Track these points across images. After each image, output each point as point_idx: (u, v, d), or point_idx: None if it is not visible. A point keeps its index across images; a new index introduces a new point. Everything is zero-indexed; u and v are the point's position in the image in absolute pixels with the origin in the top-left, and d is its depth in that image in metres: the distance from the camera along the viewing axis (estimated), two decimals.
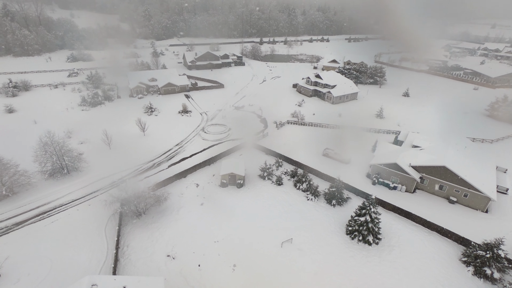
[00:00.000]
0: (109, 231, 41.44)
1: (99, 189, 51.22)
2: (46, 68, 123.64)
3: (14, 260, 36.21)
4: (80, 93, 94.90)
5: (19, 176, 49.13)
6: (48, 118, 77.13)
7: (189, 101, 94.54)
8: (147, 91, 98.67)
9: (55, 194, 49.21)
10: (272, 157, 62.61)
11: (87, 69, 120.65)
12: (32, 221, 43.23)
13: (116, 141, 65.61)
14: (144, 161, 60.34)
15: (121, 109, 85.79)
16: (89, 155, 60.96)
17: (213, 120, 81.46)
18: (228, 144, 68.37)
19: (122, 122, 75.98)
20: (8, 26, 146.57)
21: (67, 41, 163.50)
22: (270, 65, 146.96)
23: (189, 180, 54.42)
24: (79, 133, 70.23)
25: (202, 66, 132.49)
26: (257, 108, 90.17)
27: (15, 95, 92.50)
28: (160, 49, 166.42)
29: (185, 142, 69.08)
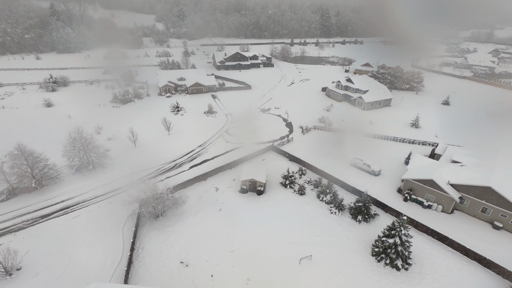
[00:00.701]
0: (126, 231, 41.37)
1: (121, 187, 51.69)
2: (84, 65, 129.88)
3: (35, 254, 37.08)
4: (113, 90, 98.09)
5: (48, 169, 50.96)
6: (82, 113, 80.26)
7: (215, 102, 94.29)
8: (175, 90, 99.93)
9: (80, 189, 50.41)
10: (296, 164, 60.01)
11: (122, 67, 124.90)
12: (56, 215, 44.39)
13: (142, 139, 66.50)
14: (166, 160, 60.42)
15: (149, 107, 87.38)
16: (115, 152, 62.20)
17: (238, 122, 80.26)
18: (251, 147, 66.70)
19: (149, 120, 77.23)
20: (54, 24, 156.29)
21: (106, 39, 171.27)
22: (300, 67, 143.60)
23: (209, 183, 53.43)
24: (108, 129, 72.19)
25: (230, 66, 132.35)
26: (283, 112, 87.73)
27: (55, 90, 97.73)
28: (191, 48, 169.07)
29: (208, 144, 68.47)
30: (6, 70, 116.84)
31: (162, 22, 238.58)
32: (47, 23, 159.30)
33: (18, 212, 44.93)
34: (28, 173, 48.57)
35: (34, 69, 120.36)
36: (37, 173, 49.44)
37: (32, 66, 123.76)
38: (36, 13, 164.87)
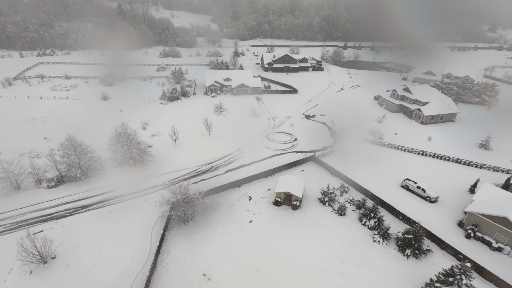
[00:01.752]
0: (155, 232, 40.97)
1: (157, 184, 52.14)
2: (141, 62, 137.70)
3: (69, 244, 38.33)
4: (162, 87, 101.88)
5: (94, 161, 53.45)
6: (132, 108, 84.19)
7: (259, 104, 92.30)
8: (220, 90, 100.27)
9: (119, 183, 51.84)
10: (337, 179, 54.97)
11: (174, 65, 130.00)
12: (94, 207, 45.96)
13: (182, 138, 67.05)
14: (203, 162, 59.79)
15: (193, 106, 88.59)
16: (156, 149, 63.49)
17: (279, 127, 77.16)
18: (292, 156, 63.22)
19: (192, 119, 78.00)
20: (119, 23, 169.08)
21: (163, 38, 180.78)
22: (351, 72, 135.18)
23: (242, 190, 51.26)
24: (153, 125, 74.41)
25: (278, 68, 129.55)
26: (329, 119, 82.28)
27: (112, 84, 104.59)
28: (242, 49, 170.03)
29: (247, 148, 66.49)
30: (75, 64, 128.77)
31: (216, 23, 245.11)
32: (114, 22, 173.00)
33: (63, 200, 47.51)
34: (76, 163, 51.33)
35: (98, 64, 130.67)
36: (83, 164, 52.07)
37: (97, 61, 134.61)
38: (105, 12, 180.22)
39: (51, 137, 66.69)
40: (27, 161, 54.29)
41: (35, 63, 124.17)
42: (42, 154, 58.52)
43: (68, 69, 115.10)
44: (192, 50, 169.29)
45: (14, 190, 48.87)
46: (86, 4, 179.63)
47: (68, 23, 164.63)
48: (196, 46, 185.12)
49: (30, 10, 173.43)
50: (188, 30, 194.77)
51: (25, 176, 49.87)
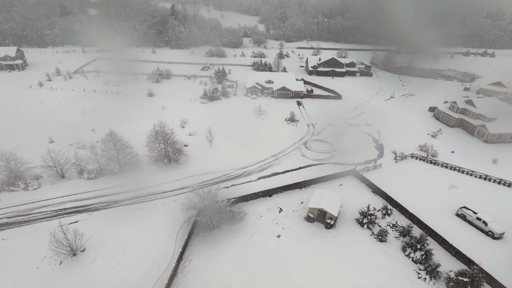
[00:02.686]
0: (180, 237, 40.11)
1: (188, 186, 51.71)
2: (187, 61, 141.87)
3: (97, 239, 39.03)
4: (205, 86, 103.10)
5: (131, 157, 54.76)
6: (174, 106, 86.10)
7: (299, 109, 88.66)
8: (261, 92, 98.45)
9: (152, 181, 52.37)
10: (380, 198, 49.55)
11: (218, 65, 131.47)
12: (126, 203, 46.72)
13: (218, 139, 66.29)
14: (236, 166, 58.25)
15: (232, 107, 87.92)
16: (192, 148, 63.50)
17: (319, 135, 72.88)
18: (329, 167, 58.90)
19: (229, 120, 77.16)
20: (171, 23, 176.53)
21: (211, 38, 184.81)
22: (404, 79, 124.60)
23: (273, 201, 48.53)
24: (191, 124, 74.98)
25: (323, 72, 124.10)
26: (374, 130, 75.77)
27: (158, 82, 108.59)
28: (287, 51, 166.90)
29: (282, 155, 63.63)
30: (127, 60, 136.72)
31: (264, 24, 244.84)
32: (166, 22, 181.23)
33: (99, 192, 49.16)
34: (115, 157, 52.96)
35: (148, 61, 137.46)
36: (121, 158, 53.58)
37: (147, 59, 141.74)
38: (160, 12, 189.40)
39: (98, 129, 70.16)
40: (74, 151, 57.34)
41: (94, 59, 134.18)
42: (87, 146, 61.63)
43: (121, 65, 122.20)
44: (237, 50, 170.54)
45: (59, 178, 51.87)
46: (143, 4, 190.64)
47: (125, 22, 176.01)
48: (242, 46, 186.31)
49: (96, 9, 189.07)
50: (235, 30, 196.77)
51: (69, 166, 52.74)
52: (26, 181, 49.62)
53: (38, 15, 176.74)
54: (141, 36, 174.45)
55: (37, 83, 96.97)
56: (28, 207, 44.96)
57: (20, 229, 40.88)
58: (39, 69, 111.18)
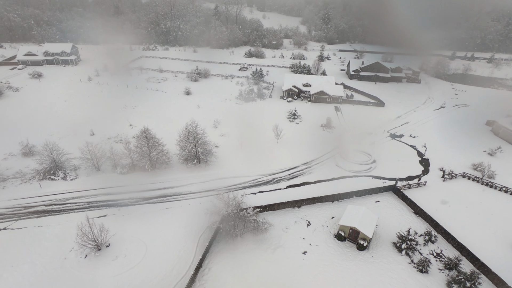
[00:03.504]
0: (202, 242, 39.03)
1: (214, 188, 50.65)
2: (226, 61, 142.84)
3: (122, 235, 39.32)
4: (241, 87, 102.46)
5: (162, 155, 55.20)
6: (209, 105, 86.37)
7: (336, 115, 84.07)
8: (298, 95, 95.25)
9: (180, 180, 52.30)
10: (422, 221, 44.26)
11: (256, 65, 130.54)
12: (153, 201, 46.92)
13: (249, 142, 64.70)
14: (265, 171, 56.17)
15: (267, 109, 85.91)
16: (222, 150, 62.64)
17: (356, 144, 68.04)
18: (366, 181, 54.40)
19: (263, 123, 75.19)
20: (213, 23, 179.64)
21: (251, 38, 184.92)
22: (457, 88, 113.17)
23: (302, 212, 45.61)
24: (224, 125, 74.33)
25: (365, 77, 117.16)
26: (419, 143, 68.97)
27: (196, 80, 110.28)
28: (328, 53, 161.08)
29: (315, 163, 60.24)
30: (170, 59, 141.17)
31: (306, 25, 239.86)
32: (209, 21, 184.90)
33: (130, 188, 49.99)
34: (147, 154, 53.74)
35: (189, 60, 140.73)
36: (153, 156, 54.21)
37: (188, 58, 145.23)
38: (203, 13, 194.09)
39: (135, 125, 72.40)
40: (111, 145, 59.27)
41: (139, 56, 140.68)
42: (124, 141, 63.39)
43: (163, 63, 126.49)
44: (276, 51, 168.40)
45: (95, 171, 53.89)
46: (188, 4, 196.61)
47: (171, 22, 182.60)
48: (282, 47, 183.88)
49: (145, 9, 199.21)
50: (276, 31, 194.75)
51: (105, 159, 54.55)
52: (65, 171, 52.20)
53: (94, 14, 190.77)
54: (184, 35, 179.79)
55: (87, 78, 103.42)
56: (64, 196, 47.06)
57: (55, 217, 42.72)
58: (90, 65, 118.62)
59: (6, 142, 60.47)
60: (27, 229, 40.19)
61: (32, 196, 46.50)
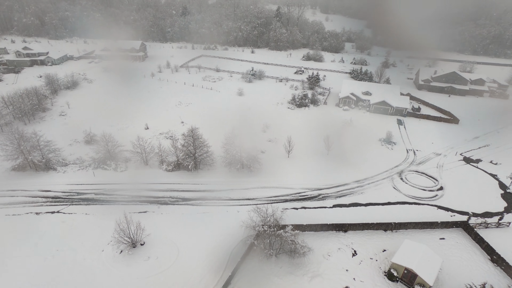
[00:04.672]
0: (234, 256, 36.73)
1: (255, 197, 48.22)
2: (283, 63, 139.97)
3: (157, 235, 39.02)
4: (295, 91, 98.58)
5: (207, 156, 54.62)
6: (260, 108, 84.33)
7: (399, 129, 75.10)
8: (355, 104, 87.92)
9: (221, 184, 50.93)
10: (503, 274, 35.66)
11: (313, 69, 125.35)
12: (192, 203, 46.23)
13: (297, 150, 60.83)
14: (311, 185, 51.82)
15: (320, 116, 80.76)
16: (268, 156, 59.95)
17: (421, 166, 59.38)
18: (429, 211, 46.61)
19: (313, 130, 70.56)
20: (274, 24, 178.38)
21: (311, 41, 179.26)
22: None
23: (347, 239, 40.45)
24: (273, 129, 71.52)
25: (437, 88, 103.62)
26: (504, 171, 57.38)
27: (250, 82, 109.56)
28: (394, 59, 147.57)
29: (368, 182, 53.85)
30: (228, 59, 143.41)
31: (371, 28, 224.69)
32: (269, 23, 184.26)
33: (172, 186, 50.33)
34: (192, 154, 53.61)
35: (246, 61, 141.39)
36: (198, 156, 53.90)
37: (245, 58, 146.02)
38: (264, 14, 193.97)
39: (187, 122, 73.75)
40: (160, 141, 60.79)
41: (199, 55, 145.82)
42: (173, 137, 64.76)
43: (221, 63, 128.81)
44: (336, 55, 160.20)
45: (143, 165, 55.59)
46: (250, 6, 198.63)
47: (233, 22, 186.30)
48: (342, 51, 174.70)
49: (210, 10, 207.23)
50: (338, 34, 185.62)
51: (153, 155, 55.94)
52: (117, 162, 54.72)
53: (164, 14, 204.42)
54: (244, 36, 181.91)
55: (150, 74, 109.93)
56: (112, 187, 49.12)
57: (101, 207, 44.61)
58: (155, 61, 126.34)
59: (74, 129, 66.16)
60: (76, 215, 42.49)
61: (85, 183, 49.48)
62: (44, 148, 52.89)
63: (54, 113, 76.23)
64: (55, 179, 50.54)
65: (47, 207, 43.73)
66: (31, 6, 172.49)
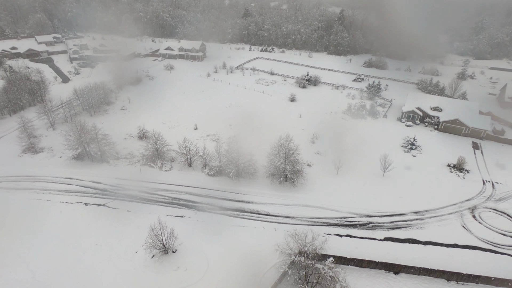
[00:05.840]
0: (265, 281, 33.77)
1: (297, 216, 44.56)
2: (341, 69, 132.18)
3: (187, 245, 37.90)
4: (352, 101, 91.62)
5: (249, 165, 52.45)
6: (311, 117, 79.73)
7: (474, 154, 64.05)
8: (421, 120, 77.87)
9: (261, 197, 48.38)
10: None
11: (374, 77, 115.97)
12: (228, 214, 44.46)
13: (347, 168, 55.30)
14: (359, 210, 46.21)
15: (378, 131, 73.07)
16: (314, 171, 55.64)
17: (501, 203, 49.16)
18: (510, 263, 37.83)
19: (368, 147, 63.89)
20: (335, 28, 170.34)
21: (374, 46, 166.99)
22: None
23: (399, 283, 34.55)
24: (323, 141, 66.79)
25: None
26: None
27: (304, 87, 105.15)
28: (473, 70, 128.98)
29: (430, 215, 46.18)
30: (284, 62, 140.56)
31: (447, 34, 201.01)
32: (331, 26, 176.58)
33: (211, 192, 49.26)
34: (235, 161, 51.95)
35: (302, 65, 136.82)
36: (240, 163, 52.08)
37: (301, 62, 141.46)
38: (326, 17, 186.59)
39: (235, 125, 72.84)
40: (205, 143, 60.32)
41: (255, 57, 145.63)
42: (220, 140, 64.16)
43: (276, 66, 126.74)
44: (402, 63, 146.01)
45: (187, 167, 55.80)
46: (312, 8, 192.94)
47: (293, 25, 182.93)
48: (411, 59, 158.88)
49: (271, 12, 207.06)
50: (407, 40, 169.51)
51: (197, 157, 55.78)
52: (163, 161, 55.74)
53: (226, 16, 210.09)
54: (303, 39, 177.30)
55: (206, 74, 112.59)
56: (155, 186, 49.91)
57: (142, 206, 45.45)
58: (212, 62, 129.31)
59: (130, 124, 69.79)
60: (119, 211, 43.83)
61: (131, 179, 51.14)
62: (101, 141, 56.31)
63: (116, 107, 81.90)
64: (107, 171, 53.35)
65: (95, 199, 45.98)
66: (111, 6, 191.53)
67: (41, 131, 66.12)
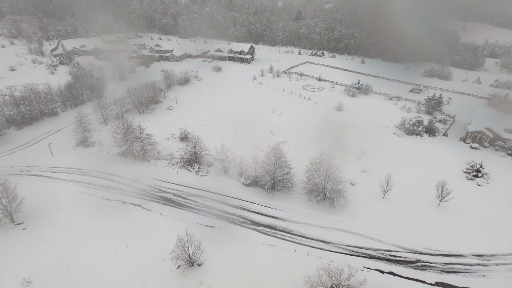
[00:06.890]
0: None
1: (333, 241, 40.64)
2: (397, 77, 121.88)
3: (214, 259, 36.43)
4: (407, 114, 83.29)
5: (287, 178, 49.63)
6: (359, 129, 73.99)
7: None
8: (491, 143, 67.41)
9: (296, 215, 45.19)
10: None
11: (435, 89, 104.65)
12: (259, 230, 42.13)
13: (398, 192, 49.53)
14: (407, 245, 40.56)
15: (436, 151, 64.92)
16: (357, 192, 50.82)
17: None
18: None
19: (423, 171, 56.82)
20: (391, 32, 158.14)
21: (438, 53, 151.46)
22: None
23: None
24: (370, 158, 61.28)
25: None
26: None
27: (354, 96, 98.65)
28: None
29: (497, 261, 38.84)
30: (334, 68, 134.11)
31: None
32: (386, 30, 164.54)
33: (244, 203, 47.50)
34: (272, 173, 49.54)
35: (353, 72, 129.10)
36: (277, 176, 49.51)
37: (353, 69, 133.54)
38: None
39: (276, 133, 70.38)
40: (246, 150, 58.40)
41: (304, 61, 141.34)
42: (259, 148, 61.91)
43: (325, 72, 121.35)
44: (471, 73, 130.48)
45: (223, 173, 54.81)
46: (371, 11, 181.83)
47: (346, 28, 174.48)
48: (481, 69, 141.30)
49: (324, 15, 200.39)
50: (478, 47, 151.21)
51: (233, 165, 54.47)
52: (200, 166, 55.50)
53: (278, 18, 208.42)
54: (356, 43, 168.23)
55: (252, 77, 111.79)
56: (190, 191, 49.66)
57: (175, 210, 45.31)
58: (260, 64, 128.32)
59: (174, 124, 71.30)
60: (152, 213, 44.18)
61: (168, 181, 51.66)
62: (145, 140, 58.01)
63: (163, 106, 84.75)
64: (147, 171, 54.68)
65: (133, 198, 47.05)
66: (170, 8, 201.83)
67: (95, 125, 70.70)
